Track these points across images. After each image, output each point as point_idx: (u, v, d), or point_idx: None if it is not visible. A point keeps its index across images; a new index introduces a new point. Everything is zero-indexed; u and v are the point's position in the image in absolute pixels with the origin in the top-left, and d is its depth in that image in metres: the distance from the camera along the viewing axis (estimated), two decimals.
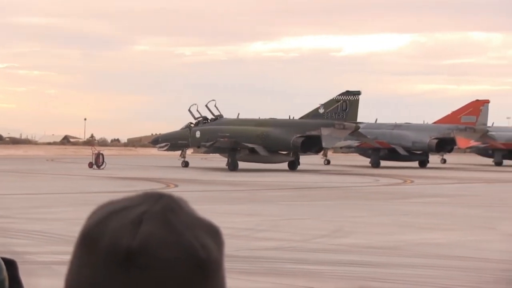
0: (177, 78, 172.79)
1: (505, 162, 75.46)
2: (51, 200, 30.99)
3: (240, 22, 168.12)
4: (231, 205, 29.86)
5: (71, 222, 22.33)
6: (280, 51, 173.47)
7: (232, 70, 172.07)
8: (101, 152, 60.05)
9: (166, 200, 1.59)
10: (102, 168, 56.62)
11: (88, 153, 64.37)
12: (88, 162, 58.42)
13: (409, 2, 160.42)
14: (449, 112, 72.67)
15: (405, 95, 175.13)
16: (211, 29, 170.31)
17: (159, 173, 51.16)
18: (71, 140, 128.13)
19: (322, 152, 66.30)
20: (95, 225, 1.57)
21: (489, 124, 72.62)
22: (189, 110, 63.00)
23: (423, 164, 69.01)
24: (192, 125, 62.58)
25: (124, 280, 1.51)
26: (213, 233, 1.58)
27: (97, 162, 57.83)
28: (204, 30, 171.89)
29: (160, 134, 70.33)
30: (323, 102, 60.48)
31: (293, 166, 59.40)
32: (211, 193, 36.29)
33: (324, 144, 59.25)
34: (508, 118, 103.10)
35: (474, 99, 70.74)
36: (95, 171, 53.95)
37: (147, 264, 1.50)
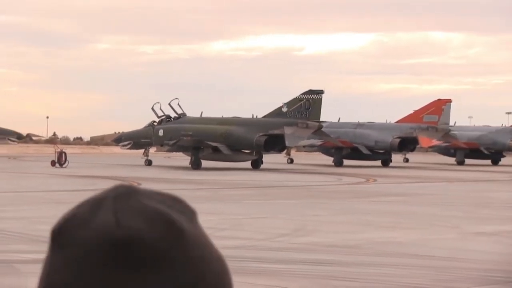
0: (140, 76, 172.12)
1: (467, 161, 76.14)
2: (12, 198, 30.74)
3: (202, 20, 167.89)
4: (193, 203, 29.58)
5: (32, 221, 22.19)
6: (242, 50, 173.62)
7: (195, 68, 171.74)
8: (63, 150, 59.68)
9: (125, 186, 1.57)
10: (65, 167, 56.28)
11: (50, 151, 63.95)
12: (50, 160, 58.04)
13: (370, 2, 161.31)
14: (412, 112, 73.16)
15: (367, 94, 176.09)
16: (173, 28, 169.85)
17: (122, 172, 50.96)
18: (33, 138, 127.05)
19: (285, 151, 66.40)
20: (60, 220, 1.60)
21: (451, 123, 73.18)
22: (152, 109, 62.83)
23: (385, 163, 69.41)
24: (155, 123, 62.42)
25: (48, 255, 1.53)
26: (166, 221, 1.52)
27: (60, 160, 57.48)
28: (166, 29, 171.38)
29: (123, 132, 70.04)
30: (286, 101, 60.63)
31: (256, 165, 59.46)
32: (174, 192, 35.80)
33: (287, 143, 59.38)
34: (470, 117, 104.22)
35: (436, 99, 71.29)
36: (57, 170, 53.61)
37: (64, 242, 1.51)
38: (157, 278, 1.49)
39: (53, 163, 57.10)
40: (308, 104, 59.31)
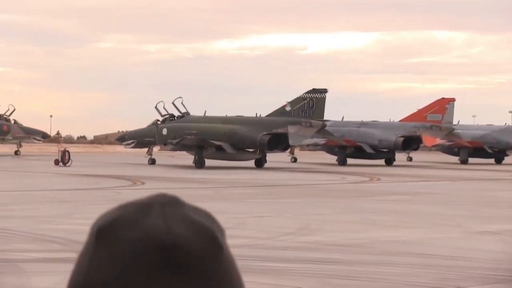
0: (143, 75, 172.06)
1: (471, 160, 76.08)
2: (16, 197, 30.78)
3: (205, 19, 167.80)
4: (197, 202, 29.53)
5: (36, 220, 22.21)
6: (245, 49, 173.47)
7: (198, 67, 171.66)
8: (67, 149, 59.74)
9: (161, 199, 1.64)
10: (68, 166, 56.35)
11: (54, 150, 64.01)
12: (54, 159, 58.09)
13: (372, 1, 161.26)
14: (415, 110, 73.11)
15: (370, 93, 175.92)
16: (176, 27, 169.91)
17: (126, 171, 50.99)
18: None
19: (289, 150, 66.40)
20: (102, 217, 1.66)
21: (455, 122, 73.16)
22: (156, 108, 62.86)
23: (389, 162, 69.36)
24: (159, 122, 62.45)
25: (92, 251, 1.60)
26: (204, 233, 1.62)
27: (63, 159, 57.53)
28: (169, 28, 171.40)
29: (126, 131, 70.07)
30: (289, 100, 60.62)
31: (260, 163, 59.46)
32: (178, 191, 36.17)
33: (291, 142, 59.37)
34: (473, 116, 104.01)
35: (440, 98, 71.23)
36: (61, 168, 53.66)
37: (110, 240, 1.58)
38: (195, 285, 1.58)
39: (56, 162, 57.17)
40: (311, 103, 59.30)
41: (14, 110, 75.93)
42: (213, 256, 1.61)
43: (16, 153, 74.64)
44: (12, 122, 75.38)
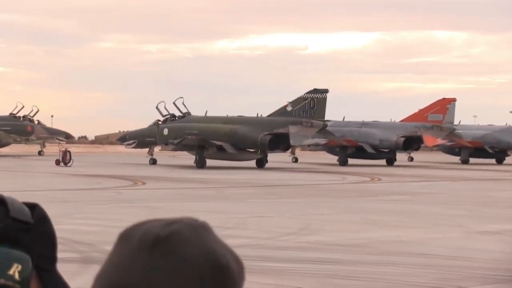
0: (144, 75, 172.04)
1: (472, 160, 76.08)
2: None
3: (205, 19, 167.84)
4: (198, 202, 29.88)
5: None
6: (246, 49, 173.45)
7: (199, 67, 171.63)
8: (68, 149, 59.77)
9: (201, 222, 1.75)
10: (69, 166, 56.36)
11: (55, 150, 64.04)
12: (55, 159, 58.12)
13: (373, 1, 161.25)
14: (416, 110, 73.11)
15: (371, 93, 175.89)
16: (176, 27, 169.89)
17: (127, 171, 51.02)
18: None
19: (289, 150, 66.41)
20: (133, 226, 1.73)
21: (455, 122, 73.15)
22: (157, 108, 62.88)
23: (390, 162, 69.36)
24: (160, 122, 62.48)
25: (145, 259, 1.67)
26: (237, 260, 1.74)
27: (64, 159, 57.54)
28: (170, 27, 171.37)
29: (127, 131, 70.07)
30: (290, 100, 60.64)
31: (261, 163, 59.48)
32: (179, 191, 36.27)
33: (291, 142, 59.38)
34: (474, 116, 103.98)
35: (441, 98, 71.22)
36: (62, 169, 53.69)
37: (168, 251, 1.67)
38: None
39: (57, 162, 57.19)
40: (312, 103, 59.31)
41: (38, 111, 77.99)
42: (239, 282, 1.73)
43: (39, 153, 76.16)
44: (36, 122, 77.04)
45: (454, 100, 70.41)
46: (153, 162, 61.24)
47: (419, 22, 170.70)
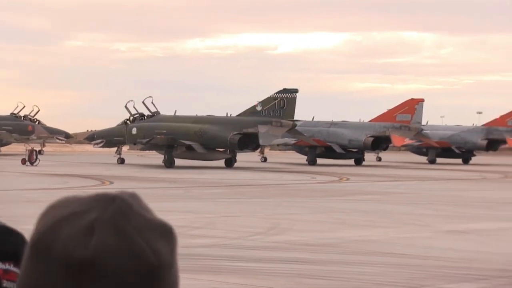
0: (113, 74, 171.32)
1: (439, 160, 76.58)
2: None
3: (176, 18, 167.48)
4: (167, 202, 29.76)
5: (2, 220, 21.99)
6: (217, 48, 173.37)
7: (169, 66, 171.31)
8: (35, 148, 59.26)
9: (118, 204, 1.59)
10: (36, 165, 55.85)
11: (21, 149, 63.54)
12: (21, 158, 57.63)
13: (343, 2, 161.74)
14: (385, 111, 73.45)
15: (341, 93, 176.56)
16: (147, 26, 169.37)
17: (95, 170, 50.73)
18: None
19: (259, 150, 66.44)
20: (46, 232, 1.57)
21: (423, 122, 73.58)
22: (126, 107, 62.60)
23: (358, 162, 69.63)
24: (129, 121, 62.20)
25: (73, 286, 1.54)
26: (166, 233, 1.62)
27: (31, 159, 57.00)
28: (140, 26, 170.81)
29: (95, 130, 69.70)
30: (260, 100, 60.66)
31: (230, 163, 59.43)
32: (147, 190, 36.11)
33: (261, 142, 59.39)
34: (442, 117, 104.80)
35: (409, 98, 71.62)
36: (28, 168, 53.23)
37: (99, 275, 1.53)
38: None
39: (23, 162, 56.65)
40: (282, 103, 59.36)
41: (39, 111, 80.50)
42: (175, 260, 1.63)
43: (39, 152, 76.38)
44: (36, 122, 79.43)
45: (422, 100, 70.80)
46: (121, 161, 60.96)
47: (389, 23, 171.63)
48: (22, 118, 79.08)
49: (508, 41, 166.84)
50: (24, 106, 79.49)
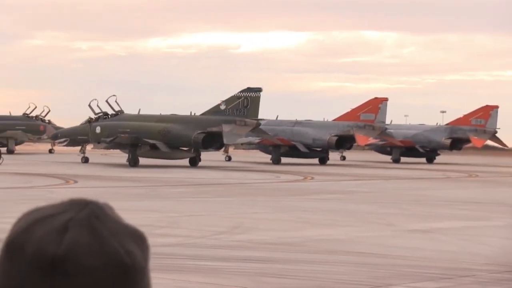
0: (75, 73, 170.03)
1: (403, 159, 77.04)
2: None
3: (137, 17, 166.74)
4: (130, 201, 29.64)
5: None
6: (178, 47, 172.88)
7: (131, 65, 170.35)
8: None
9: (92, 207, 1.61)
10: None
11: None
12: None
13: (305, 1, 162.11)
14: (349, 110, 73.75)
15: (304, 92, 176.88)
16: (108, 24, 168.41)
17: (58, 169, 50.40)
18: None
19: (223, 149, 66.40)
20: (20, 233, 1.59)
21: (387, 121, 73.99)
22: (89, 105, 62.25)
23: (323, 161, 69.85)
24: (93, 120, 61.88)
25: (46, 284, 1.54)
26: (138, 239, 1.64)
27: None
28: (102, 25, 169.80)
29: (59, 129, 69.24)
30: (224, 99, 60.63)
31: (194, 162, 59.35)
32: (111, 189, 35.94)
33: (225, 141, 59.38)
34: (406, 116, 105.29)
35: (373, 97, 71.97)
36: None
37: (71, 271, 1.54)
38: None
39: None
40: (246, 102, 59.38)
41: (49, 111, 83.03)
42: (147, 263, 1.63)
43: (50, 151, 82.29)
44: (47, 122, 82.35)
45: (386, 99, 71.18)
46: (85, 160, 60.63)
47: (350, 23, 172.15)
48: (34, 118, 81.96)
49: (466, 40, 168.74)
50: (35, 107, 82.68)
